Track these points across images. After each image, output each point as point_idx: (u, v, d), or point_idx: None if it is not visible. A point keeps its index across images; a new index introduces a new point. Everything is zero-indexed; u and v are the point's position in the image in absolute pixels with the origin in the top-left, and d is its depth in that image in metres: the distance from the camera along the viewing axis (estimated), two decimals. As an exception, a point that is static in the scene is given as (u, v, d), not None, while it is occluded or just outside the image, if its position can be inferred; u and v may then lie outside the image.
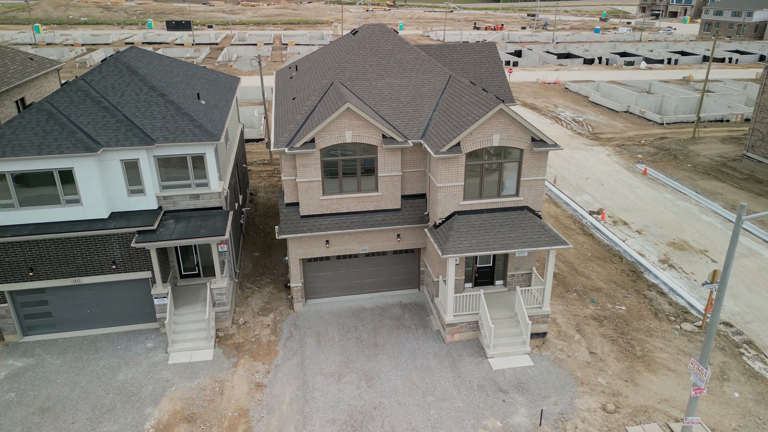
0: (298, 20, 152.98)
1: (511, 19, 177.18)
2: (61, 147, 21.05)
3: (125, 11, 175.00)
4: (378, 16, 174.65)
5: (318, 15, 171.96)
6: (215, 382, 21.38)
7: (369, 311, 25.46)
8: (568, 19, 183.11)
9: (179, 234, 22.15)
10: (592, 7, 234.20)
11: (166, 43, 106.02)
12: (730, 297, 27.84)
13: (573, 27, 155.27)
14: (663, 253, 32.01)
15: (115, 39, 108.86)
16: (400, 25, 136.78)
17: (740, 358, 23.61)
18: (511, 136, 21.96)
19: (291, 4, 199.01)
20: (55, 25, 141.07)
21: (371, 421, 19.78)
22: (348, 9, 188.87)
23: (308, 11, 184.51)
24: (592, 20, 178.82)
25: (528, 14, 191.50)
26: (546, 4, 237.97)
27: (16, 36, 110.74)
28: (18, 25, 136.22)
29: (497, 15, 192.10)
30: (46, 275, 22.30)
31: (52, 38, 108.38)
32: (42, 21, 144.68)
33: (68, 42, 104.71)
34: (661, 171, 44.03)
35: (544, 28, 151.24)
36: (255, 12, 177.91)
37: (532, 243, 21.99)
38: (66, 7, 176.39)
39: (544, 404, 20.53)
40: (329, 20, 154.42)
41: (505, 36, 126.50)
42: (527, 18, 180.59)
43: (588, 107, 63.76)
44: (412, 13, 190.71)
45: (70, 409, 20.01)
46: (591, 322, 25.46)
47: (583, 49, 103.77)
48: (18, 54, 32.00)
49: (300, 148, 22.26)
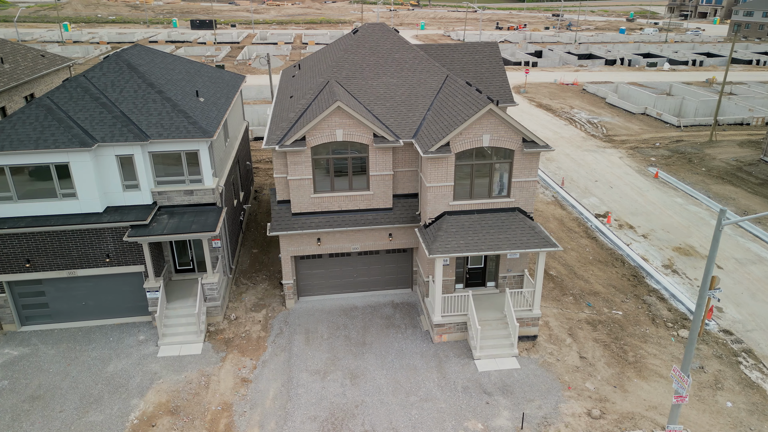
0: (320, 19, 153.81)
1: (535, 19, 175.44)
2: (57, 142, 21.56)
3: (153, 10, 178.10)
4: (401, 16, 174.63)
5: (341, 14, 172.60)
6: (202, 375, 21.66)
7: (360, 310, 25.51)
8: (593, 19, 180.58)
9: (171, 229, 22.49)
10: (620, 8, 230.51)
11: (189, 41, 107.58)
12: (732, 304, 27.20)
13: (598, 27, 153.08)
14: (667, 258, 31.40)
15: (140, 37, 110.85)
16: (422, 24, 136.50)
17: (737, 366, 23.05)
18: (501, 137, 21.78)
19: (315, 4, 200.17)
20: (83, 23, 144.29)
21: (352, 419, 19.82)
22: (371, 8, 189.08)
23: (331, 11, 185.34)
24: (618, 21, 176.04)
25: (553, 14, 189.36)
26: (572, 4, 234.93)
27: (44, 34, 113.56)
28: (48, 24, 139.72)
29: (521, 15, 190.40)
30: (42, 267, 22.86)
31: (79, 36, 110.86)
32: (71, 19, 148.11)
33: (94, 40, 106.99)
34: (674, 174, 43.16)
35: (567, 28, 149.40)
36: (279, 11, 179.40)
37: (521, 245, 21.77)
38: (96, 5, 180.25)
39: (527, 408, 20.32)
40: (351, 20, 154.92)
41: (527, 36, 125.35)
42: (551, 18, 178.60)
43: (604, 109, 62.82)
44: (435, 12, 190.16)
45: (59, 398, 20.48)
46: (585, 326, 25.11)
47: (606, 50, 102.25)
48: (30, 51, 32.84)
49: (290, 146, 22.42)
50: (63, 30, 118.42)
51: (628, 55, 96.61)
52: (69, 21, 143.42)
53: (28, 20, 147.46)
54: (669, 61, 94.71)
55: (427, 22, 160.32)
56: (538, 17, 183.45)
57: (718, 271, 30.08)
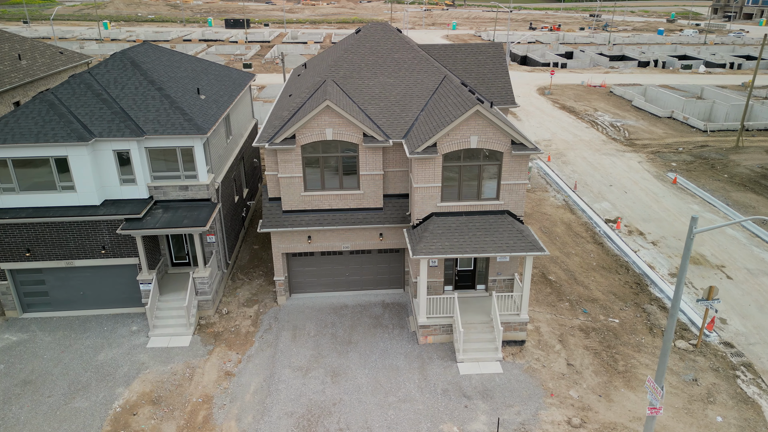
0: (352, 19, 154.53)
1: (572, 20, 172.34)
2: (56, 136, 22.31)
3: (191, 9, 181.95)
4: (434, 16, 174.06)
5: (374, 14, 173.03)
6: (187, 367, 22.11)
7: (350, 308, 25.60)
8: (632, 20, 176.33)
9: (163, 223, 23.02)
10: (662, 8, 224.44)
11: (221, 40, 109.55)
12: (738, 316, 26.28)
13: (636, 28, 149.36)
14: (675, 266, 30.51)
15: (175, 36, 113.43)
16: (453, 24, 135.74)
17: (733, 380, 22.26)
18: (489, 139, 21.54)
19: (349, 3, 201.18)
20: (123, 21, 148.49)
21: (328, 416, 19.93)
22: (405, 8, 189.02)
23: (365, 10, 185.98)
24: (658, 21, 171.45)
25: (590, 14, 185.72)
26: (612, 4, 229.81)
27: (85, 32, 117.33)
28: (90, 22, 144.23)
29: (557, 15, 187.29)
30: (42, 256, 23.69)
31: (117, 34, 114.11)
32: (113, 18, 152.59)
33: (131, 38, 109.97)
34: (694, 180, 41.86)
35: (604, 29, 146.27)
36: (313, 11, 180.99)
37: (507, 248, 21.50)
38: (137, 5, 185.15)
39: (506, 413, 20.06)
40: (383, 19, 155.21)
41: (560, 37, 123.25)
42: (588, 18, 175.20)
43: (630, 112, 61.33)
44: (469, 12, 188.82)
45: (49, 383, 21.21)
46: (577, 333, 24.62)
47: (639, 52, 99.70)
48: (48, 48, 34.06)
49: (280, 144, 22.67)
50: (103, 28, 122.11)
51: (662, 57, 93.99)
52: (110, 19, 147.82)
53: (71, 18, 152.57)
54: (705, 64, 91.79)
55: (460, 22, 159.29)
56: (575, 17, 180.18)
57: (727, 282, 29.09)
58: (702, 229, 14.41)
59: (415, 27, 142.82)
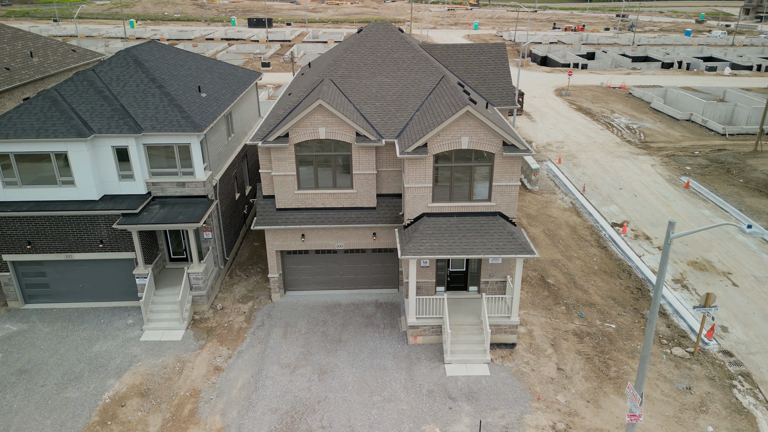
0: (374, 18, 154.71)
1: (597, 20, 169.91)
2: (56, 132, 22.84)
3: (217, 9, 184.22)
4: (457, 15, 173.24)
5: (397, 14, 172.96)
6: (178, 361, 22.44)
7: (343, 307, 25.68)
8: (660, 20, 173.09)
9: (158, 219, 23.39)
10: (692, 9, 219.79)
11: (243, 39, 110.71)
12: (740, 324, 25.66)
13: (663, 29, 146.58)
14: (680, 272, 29.90)
15: (198, 35, 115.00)
16: (475, 24, 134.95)
17: (729, 390, 21.74)
18: (480, 140, 21.40)
19: (373, 3, 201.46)
20: (150, 20, 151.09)
21: (312, 414, 20.04)
22: (428, 8, 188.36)
23: (389, 10, 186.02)
24: (686, 22, 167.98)
25: (617, 15, 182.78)
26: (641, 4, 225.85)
27: (111, 30, 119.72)
28: (118, 21, 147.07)
29: (583, 15, 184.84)
30: (42, 249, 24.28)
31: (142, 33, 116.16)
32: (140, 17, 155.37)
33: (155, 36, 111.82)
34: (707, 185, 40.95)
35: (630, 29, 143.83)
36: (336, 10, 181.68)
37: (496, 250, 21.34)
38: (164, 4, 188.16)
39: (490, 416, 19.92)
40: (405, 19, 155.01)
41: (583, 37, 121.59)
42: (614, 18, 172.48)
43: (647, 114, 60.24)
44: (493, 12, 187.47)
45: (44, 373, 21.74)
46: (570, 337, 24.31)
47: (664, 53, 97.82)
48: (61, 46, 34.86)
49: (273, 142, 22.85)
50: (129, 27, 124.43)
51: (687, 58, 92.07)
52: (137, 18, 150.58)
53: (100, 17, 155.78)
54: (731, 66, 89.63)
55: (483, 22, 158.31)
56: (601, 17, 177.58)
57: (733, 289, 28.42)
58: (678, 234, 14.11)
59: (437, 27, 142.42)
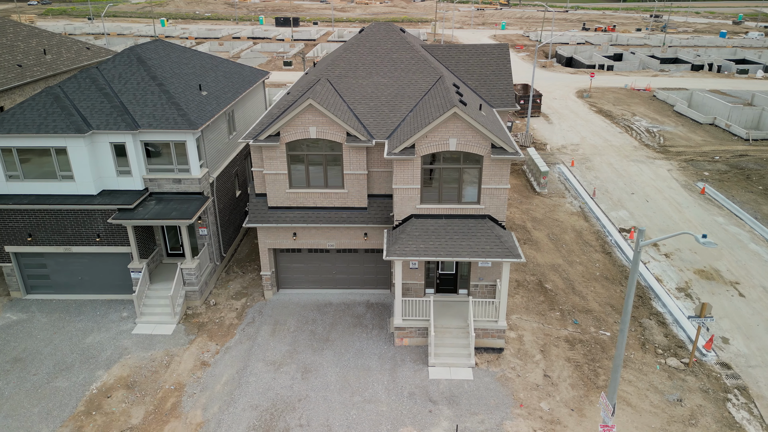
0: (401, 18, 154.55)
1: (630, 20, 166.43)
2: (56, 127, 23.44)
3: (247, 8, 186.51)
4: (485, 15, 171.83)
5: (425, 13, 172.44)
6: (166, 355, 22.81)
7: (333, 306, 25.73)
8: (695, 21, 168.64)
9: (153, 215, 23.81)
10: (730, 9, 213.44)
11: (268, 38, 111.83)
12: (742, 336, 24.85)
13: (697, 30, 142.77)
14: (685, 280, 29.10)
15: (225, 34, 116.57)
16: (502, 24, 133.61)
17: (723, 404, 21.08)
18: (468, 142, 21.18)
19: (401, 3, 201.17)
20: (181, 19, 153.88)
21: (291, 412, 20.14)
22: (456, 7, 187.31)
23: (417, 9, 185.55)
24: (723, 24, 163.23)
25: (651, 15, 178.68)
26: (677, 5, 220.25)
27: (142, 29, 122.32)
28: (150, 19, 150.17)
29: (615, 15, 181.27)
30: (42, 241, 24.96)
31: (171, 32, 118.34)
32: (171, 15, 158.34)
33: (184, 35, 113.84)
34: (724, 191, 39.74)
35: (662, 30, 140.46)
36: (364, 10, 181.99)
37: (482, 253, 21.10)
38: (196, 3, 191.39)
39: (469, 421, 19.72)
40: (432, 19, 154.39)
41: (613, 38, 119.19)
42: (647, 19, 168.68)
43: (670, 117, 58.76)
44: (522, 12, 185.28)
45: (38, 362, 22.35)
46: (562, 344, 23.89)
47: (694, 55, 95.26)
48: (75, 44, 35.76)
49: (264, 140, 23.02)
50: (160, 25, 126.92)
51: (718, 60, 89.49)
52: (169, 17, 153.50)
53: (134, 15, 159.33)
54: (765, 68, 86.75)
55: (512, 21, 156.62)
56: (633, 18, 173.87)
57: (739, 299, 27.54)
58: (647, 241, 13.72)
59: (464, 27, 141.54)
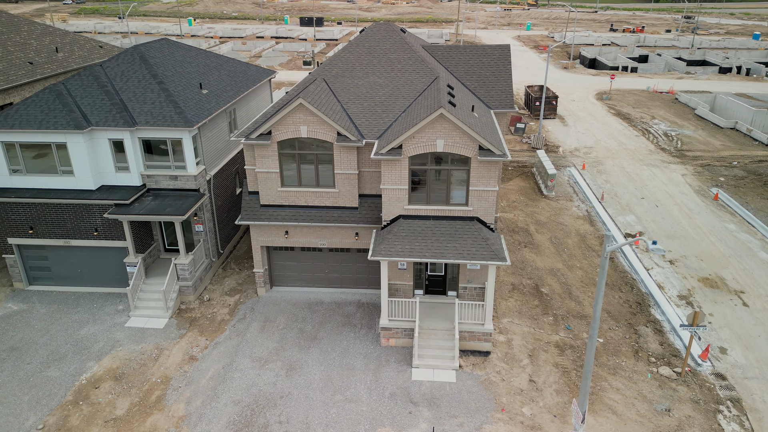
0: (426, 18, 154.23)
1: (660, 21, 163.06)
2: (57, 123, 24.06)
3: (274, 7, 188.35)
4: (512, 16, 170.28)
5: (451, 13, 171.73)
6: (156, 348, 23.21)
7: (324, 305, 25.84)
8: (728, 22, 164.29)
9: (147, 210, 24.25)
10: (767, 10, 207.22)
11: (291, 37, 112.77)
12: (741, 347, 24.17)
13: (729, 32, 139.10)
14: (688, 288, 28.42)
15: (249, 33, 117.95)
16: (527, 25, 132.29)
17: (713, 415, 20.54)
18: (456, 143, 21.05)
19: (427, 3, 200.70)
20: (208, 19, 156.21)
21: (272, 408, 20.31)
22: (484, 8, 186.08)
23: (443, 9, 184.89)
24: (758, 25, 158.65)
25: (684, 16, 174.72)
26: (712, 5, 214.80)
27: (169, 28, 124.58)
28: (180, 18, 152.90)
29: (646, 16, 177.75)
30: (43, 234, 25.64)
31: (197, 30, 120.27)
32: (199, 15, 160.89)
33: (209, 34, 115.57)
34: (739, 197, 38.66)
35: (693, 32, 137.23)
36: (390, 10, 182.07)
37: (467, 255, 20.95)
38: (225, 2, 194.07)
39: (447, 424, 19.60)
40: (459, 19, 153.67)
41: (640, 39, 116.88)
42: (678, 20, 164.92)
43: (690, 121, 57.39)
44: (550, 12, 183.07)
45: (33, 352, 22.98)
46: (551, 349, 23.56)
47: (723, 57, 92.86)
48: (88, 42, 36.63)
49: (256, 139, 23.25)
50: (188, 24, 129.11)
51: (748, 63, 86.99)
52: (197, 17, 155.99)
53: (163, 15, 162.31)
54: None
55: (539, 22, 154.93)
56: (664, 19, 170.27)
57: (742, 309, 26.78)
58: (615, 246, 13.45)
59: (488, 27, 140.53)
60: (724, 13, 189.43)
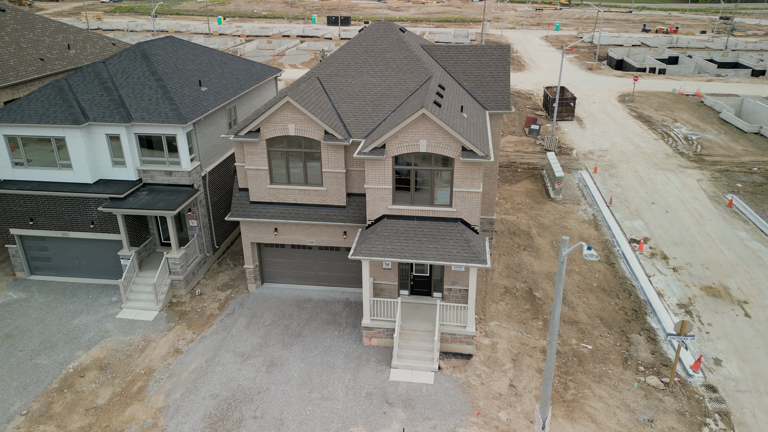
0: (454, 18, 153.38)
1: (696, 22, 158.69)
2: (56, 118, 24.73)
3: (304, 6, 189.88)
4: (542, 15, 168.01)
5: (480, 13, 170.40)
6: (143, 340, 23.66)
7: (312, 303, 25.95)
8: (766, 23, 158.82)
9: (140, 205, 24.74)
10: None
11: (317, 36, 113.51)
12: (738, 358, 23.39)
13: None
14: (689, 297, 27.62)
15: (276, 32, 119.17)
16: (557, 25, 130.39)
17: (698, 428, 19.94)
18: (439, 143, 20.88)
19: (456, 2, 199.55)
20: (239, 18, 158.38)
21: (249, 403, 20.50)
22: (514, 7, 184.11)
23: (473, 9, 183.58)
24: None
25: (720, 17, 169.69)
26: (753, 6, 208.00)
27: (199, 26, 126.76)
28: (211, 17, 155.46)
29: (682, 17, 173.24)
30: (42, 226, 26.40)
31: (226, 29, 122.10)
32: (230, 14, 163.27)
33: (237, 33, 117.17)
34: (755, 205, 37.37)
35: (730, 33, 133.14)
36: (419, 9, 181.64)
37: (447, 257, 20.77)
38: (255, 1, 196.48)
39: (420, 426, 19.48)
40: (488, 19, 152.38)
41: (673, 40, 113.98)
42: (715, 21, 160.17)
43: (713, 125, 55.71)
44: (582, 12, 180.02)
45: (26, 340, 23.68)
46: (537, 354, 23.19)
47: (757, 59, 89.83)
48: (101, 39, 37.53)
49: (245, 136, 23.48)
50: (217, 23, 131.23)
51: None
52: (228, 15, 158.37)
53: (195, 13, 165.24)
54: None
55: (569, 22, 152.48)
56: (701, 20, 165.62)
57: (743, 320, 25.90)
58: (570, 249, 13.15)
59: (516, 27, 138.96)
60: (764, 14, 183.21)
